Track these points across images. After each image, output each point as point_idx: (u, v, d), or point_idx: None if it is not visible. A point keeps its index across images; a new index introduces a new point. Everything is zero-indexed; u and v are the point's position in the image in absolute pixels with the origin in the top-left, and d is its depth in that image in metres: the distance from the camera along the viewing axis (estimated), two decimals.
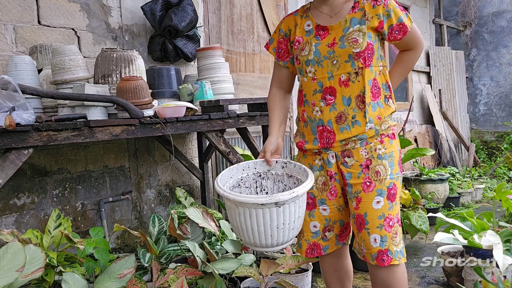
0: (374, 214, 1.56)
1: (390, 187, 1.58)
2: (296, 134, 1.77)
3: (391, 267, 1.56)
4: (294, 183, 1.66)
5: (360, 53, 1.54)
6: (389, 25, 1.57)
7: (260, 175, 1.70)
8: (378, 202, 1.57)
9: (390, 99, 1.63)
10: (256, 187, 1.70)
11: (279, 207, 1.42)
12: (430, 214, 2.95)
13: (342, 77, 1.57)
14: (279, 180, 1.70)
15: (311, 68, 1.61)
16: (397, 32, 1.58)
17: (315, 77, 1.61)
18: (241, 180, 1.68)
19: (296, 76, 1.80)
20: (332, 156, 1.63)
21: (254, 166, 1.70)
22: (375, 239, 1.56)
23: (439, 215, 2.64)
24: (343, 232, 1.77)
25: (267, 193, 1.71)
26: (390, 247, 1.54)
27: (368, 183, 1.57)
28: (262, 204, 1.40)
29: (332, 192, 1.67)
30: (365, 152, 1.59)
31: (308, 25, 1.66)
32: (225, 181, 1.63)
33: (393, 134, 1.64)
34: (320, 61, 1.59)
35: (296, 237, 1.68)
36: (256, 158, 2.87)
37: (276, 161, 1.69)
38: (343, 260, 1.86)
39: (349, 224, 1.77)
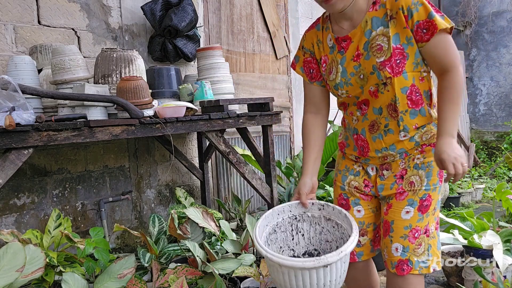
0: (401, 224, 1.50)
1: (424, 199, 1.49)
2: (341, 133, 1.69)
3: (409, 276, 1.49)
4: (333, 227, 1.56)
5: (385, 61, 1.38)
6: (415, 21, 1.33)
7: (295, 218, 1.61)
8: (407, 212, 1.49)
9: (434, 107, 1.49)
10: (292, 229, 1.62)
11: (326, 267, 1.34)
12: None
13: (371, 88, 1.46)
14: (315, 222, 1.61)
15: (342, 90, 1.52)
16: (424, 30, 1.33)
17: (350, 95, 1.52)
18: (277, 225, 1.60)
19: None
20: (372, 169, 1.58)
21: (289, 209, 1.61)
22: (396, 248, 1.50)
23: (439, 215, 2.64)
24: (376, 237, 1.66)
25: (303, 235, 1.62)
26: (411, 257, 1.48)
27: (401, 192, 1.51)
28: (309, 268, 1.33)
29: (365, 197, 1.62)
30: (402, 162, 1.52)
31: (330, 40, 1.51)
32: (262, 231, 1.54)
33: (435, 142, 1.45)
34: (348, 80, 1.48)
35: None
36: (261, 166, 2.86)
37: (312, 203, 1.59)
38: (372, 269, 1.73)
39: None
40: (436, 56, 1.37)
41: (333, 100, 1.63)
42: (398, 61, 1.37)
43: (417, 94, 1.43)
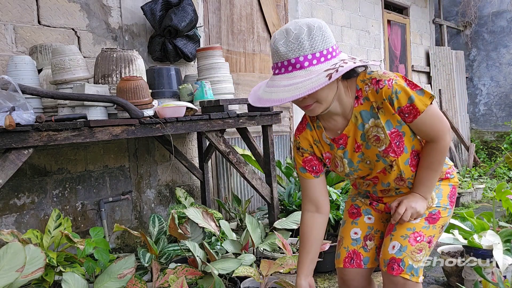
0: (405, 225, 1.49)
1: (434, 213, 1.51)
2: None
3: (404, 282, 1.42)
4: None
5: (387, 148, 1.41)
6: (396, 107, 1.35)
7: None
8: (415, 218, 1.49)
9: None
10: None
11: None
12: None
13: (379, 170, 1.50)
14: None
15: (353, 175, 1.56)
16: (407, 114, 1.36)
17: (361, 176, 1.56)
18: None
19: None
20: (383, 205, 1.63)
21: None
22: (393, 246, 1.47)
23: None
24: (380, 246, 1.62)
25: None
26: (405, 258, 1.42)
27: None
28: None
29: (377, 209, 1.64)
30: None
31: (326, 138, 1.51)
32: None
33: (445, 176, 1.57)
34: (356, 168, 1.51)
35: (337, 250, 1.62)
36: (261, 166, 2.85)
37: None
38: (372, 280, 1.68)
39: None
40: (423, 130, 1.41)
41: None
42: (397, 143, 1.42)
43: (417, 155, 1.48)
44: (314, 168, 1.57)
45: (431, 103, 1.37)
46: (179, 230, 2.29)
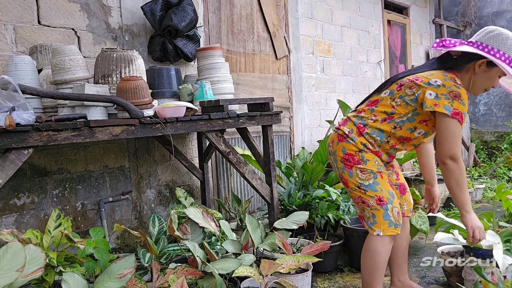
0: (406, 182, 2.32)
1: None
2: (372, 142, 2.03)
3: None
4: None
5: None
6: None
7: None
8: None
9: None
10: None
11: None
12: (430, 214, 2.95)
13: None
14: None
15: (430, 137, 2.12)
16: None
17: (423, 141, 2.10)
18: None
19: (418, 128, 2.01)
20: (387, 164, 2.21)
21: None
22: (411, 198, 2.33)
23: (439, 215, 2.64)
24: None
25: None
26: None
27: (397, 168, 2.32)
28: None
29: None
30: (394, 160, 2.30)
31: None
32: None
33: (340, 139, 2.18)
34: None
35: (393, 220, 2.00)
36: (261, 166, 2.87)
37: None
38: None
39: None
40: None
41: (333, 100, 1.65)
42: None
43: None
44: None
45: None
46: (177, 232, 2.29)
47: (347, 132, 2.06)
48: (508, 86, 2.07)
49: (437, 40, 2.00)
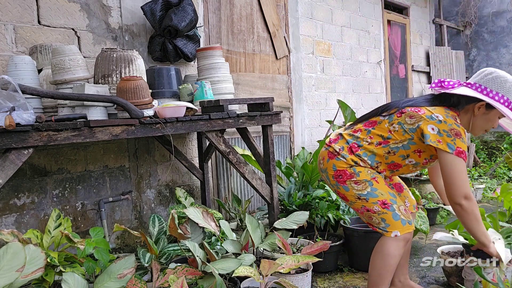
0: (401, 180, 2.37)
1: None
2: (364, 163, 2.04)
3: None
4: None
5: None
6: None
7: None
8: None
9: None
10: None
11: None
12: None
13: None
14: None
15: (419, 168, 2.12)
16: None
17: (412, 170, 2.13)
18: None
19: (410, 156, 2.03)
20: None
21: None
22: (410, 194, 2.36)
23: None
24: None
25: None
26: None
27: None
28: None
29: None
30: None
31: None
32: None
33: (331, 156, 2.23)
34: (424, 168, 2.15)
35: (404, 218, 2.01)
36: (261, 166, 2.88)
37: None
38: None
39: None
40: None
41: (333, 100, 1.65)
42: None
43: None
44: None
45: None
46: (179, 230, 2.29)
47: (337, 150, 2.06)
48: (508, 126, 2.09)
49: (436, 81, 2.03)
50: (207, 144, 3.38)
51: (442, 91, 2.02)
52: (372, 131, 2.05)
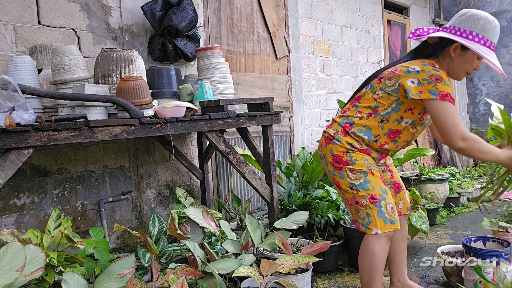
0: (401, 180, 2.32)
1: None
2: (359, 141, 2.03)
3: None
4: None
5: None
6: None
7: None
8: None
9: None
10: None
11: None
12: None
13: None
14: None
15: (419, 127, 2.05)
16: None
17: (415, 134, 2.08)
18: None
19: (404, 117, 1.99)
20: (380, 163, 2.20)
21: None
22: (407, 195, 2.31)
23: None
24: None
25: None
26: None
27: (391, 166, 2.29)
28: None
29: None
30: (389, 158, 2.29)
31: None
32: None
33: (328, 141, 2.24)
34: (424, 125, 2.07)
35: (388, 216, 2.00)
36: (261, 166, 2.88)
37: None
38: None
39: None
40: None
41: (333, 100, 1.66)
42: None
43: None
44: None
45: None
46: (178, 231, 2.29)
47: (332, 134, 2.06)
48: (495, 67, 2.00)
49: (412, 31, 2.01)
50: (207, 144, 3.37)
51: (420, 40, 2.03)
52: (359, 105, 2.05)
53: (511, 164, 1.92)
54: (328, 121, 4.27)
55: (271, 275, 2.14)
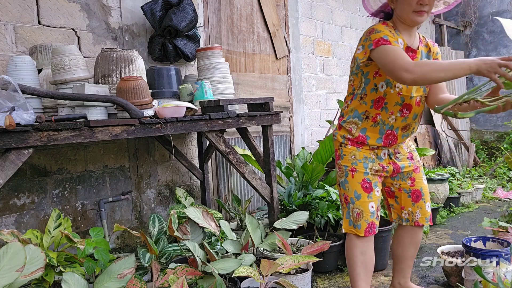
0: (426, 189, 2.16)
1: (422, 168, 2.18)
2: (351, 128, 2.03)
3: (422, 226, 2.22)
4: None
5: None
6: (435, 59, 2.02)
7: None
8: (424, 179, 2.17)
9: None
10: None
11: None
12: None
13: (418, 98, 1.99)
14: None
15: (400, 85, 1.92)
16: None
17: (401, 93, 1.94)
18: None
19: (377, 83, 1.95)
20: (384, 154, 2.07)
21: None
22: (428, 206, 2.16)
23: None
24: (389, 207, 2.27)
25: None
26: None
27: (416, 168, 2.13)
28: None
29: (379, 179, 2.07)
30: (405, 147, 2.15)
31: (400, 43, 1.90)
32: None
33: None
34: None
35: (352, 220, 2.00)
36: (261, 166, 2.88)
37: None
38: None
39: None
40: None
41: (333, 100, 1.68)
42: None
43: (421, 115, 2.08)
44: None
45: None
46: (177, 233, 2.28)
47: (333, 131, 2.17)
48: (444, 7, 2.05)
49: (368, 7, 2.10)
50: (207, 144, 3.37)
51: (376, 8, 2.08)
52: (346, 97, 2.13)
53: (484, 64, 1.56)
54: (329, 121, 4.27)
55: (271, 275, 2.14)
